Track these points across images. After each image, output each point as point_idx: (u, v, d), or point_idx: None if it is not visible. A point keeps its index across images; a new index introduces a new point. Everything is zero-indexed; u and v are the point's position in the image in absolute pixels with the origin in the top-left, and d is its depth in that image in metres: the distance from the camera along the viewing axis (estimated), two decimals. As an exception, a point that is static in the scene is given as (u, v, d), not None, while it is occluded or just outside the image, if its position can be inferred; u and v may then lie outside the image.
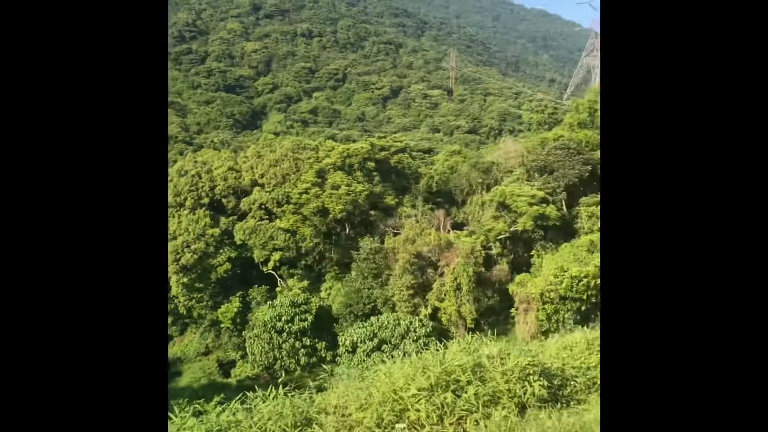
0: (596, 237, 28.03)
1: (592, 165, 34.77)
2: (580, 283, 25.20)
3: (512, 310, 28.99)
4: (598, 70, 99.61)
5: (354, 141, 48.68)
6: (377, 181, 38.07)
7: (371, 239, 33.56)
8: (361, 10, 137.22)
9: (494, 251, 32.38)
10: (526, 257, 32.79)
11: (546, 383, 5.81)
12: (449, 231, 34.70)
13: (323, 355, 28.42)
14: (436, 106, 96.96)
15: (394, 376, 5.68)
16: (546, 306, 26.17)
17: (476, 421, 4.96)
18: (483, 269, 30.51)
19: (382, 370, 6.22)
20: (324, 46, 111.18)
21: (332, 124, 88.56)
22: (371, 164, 38.26)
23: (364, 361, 22.16)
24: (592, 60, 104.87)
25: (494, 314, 29.97)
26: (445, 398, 5.20)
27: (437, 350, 6.28)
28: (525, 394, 5.55)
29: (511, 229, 32.50)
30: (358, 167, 37.28)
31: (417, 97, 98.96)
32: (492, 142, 67.76)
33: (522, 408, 5.33)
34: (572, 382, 6.29)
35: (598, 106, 37.46)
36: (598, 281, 25.08)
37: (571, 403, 5.88)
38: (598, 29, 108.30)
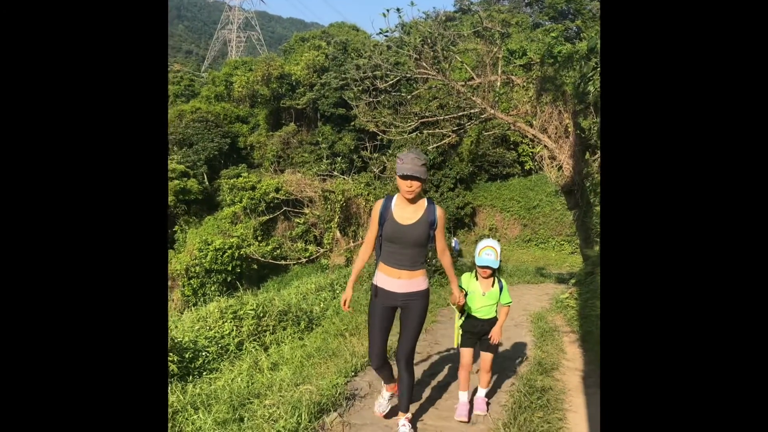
0: (238, 208, 28.66)
1: (231, 137, 35.30)
2: (225, 255, 25.51)
3: (157, 289, 27.91)
4: (234, 44, 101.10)
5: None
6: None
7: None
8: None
9: (134, 229, 30.59)
10: (170, 233, 31.82)
11: (177, 358, 5.68)
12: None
13: None
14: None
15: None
16: (192, 281, 25.83)
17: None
18: (122, 249, 28.60)
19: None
20: None
21: None
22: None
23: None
24: (228, 33, 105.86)
25: (138, 296, 28.46)
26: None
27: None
28: (153, 373, 5.34)
29: (152, 205, 31.08)
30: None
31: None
32: (127, 114, 63.39)
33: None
34: (204, 353, 6.28)
35: (235, 79, 38.02)
36: (242, 251, 25.82)
37: (204, 373, 5.88)
38: (233, 3, 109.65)
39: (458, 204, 29.75)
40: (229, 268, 25.41)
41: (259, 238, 27.46)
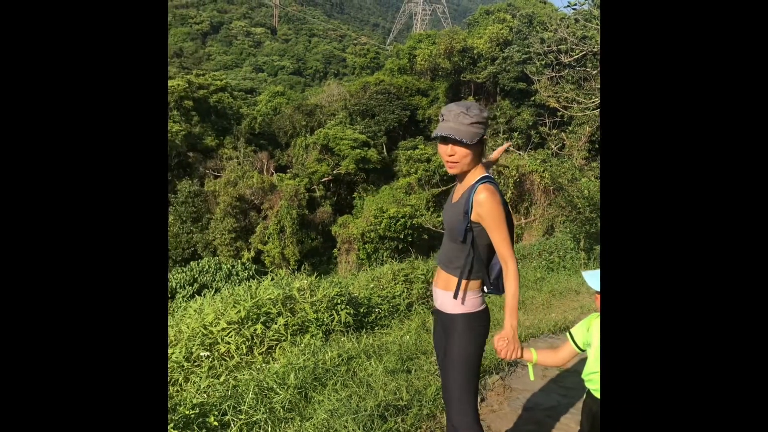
0: (413, 179, 29.54)
1: (411, 110, 36.22)
2: (398, 223, 26.54)
3: (335, 250, 29.84)
4: (419, 17, 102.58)
5: (170, 78, 45.50)
6: (196, 121, 36.26)
7: (189, 182, 32.18)
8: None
9: (317, 193, 32.85)
10: (349, 199, 33.74)
11: (353, 311, 6.20)
12: (272, 173, 34.44)
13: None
14: (260, 45, 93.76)
15: (204, 312, 5.71)
16: (366, 245, 27.28)
17: (283, 348, 5.19)
18: (306, 211, 30.89)
19: (193, 307, 6.21)
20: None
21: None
22: (189, 103, 36.23)
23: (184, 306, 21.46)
24: (414, 6, 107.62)
25: (317, 255, 30.68)
26: (255, 330, 5.35)
27: (250, 286, 6.36)
28: (332, 321, 5.90)
29: (334, 171, 33.10)
30: (174, 106, 35.15)
31: (239, 34, 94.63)
32: (317, 85, 67.60)
33: (328, 334, 5.66)
34: (377, 309, 6.77)
35: (418, 52, 38.81)
36: (415, 221, 26.68)
37: (375, 328, 6.35)
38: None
39: (642, 187, 27.92)
40: (401, 236, 26.39)
41: (431, 209, 28.08)
